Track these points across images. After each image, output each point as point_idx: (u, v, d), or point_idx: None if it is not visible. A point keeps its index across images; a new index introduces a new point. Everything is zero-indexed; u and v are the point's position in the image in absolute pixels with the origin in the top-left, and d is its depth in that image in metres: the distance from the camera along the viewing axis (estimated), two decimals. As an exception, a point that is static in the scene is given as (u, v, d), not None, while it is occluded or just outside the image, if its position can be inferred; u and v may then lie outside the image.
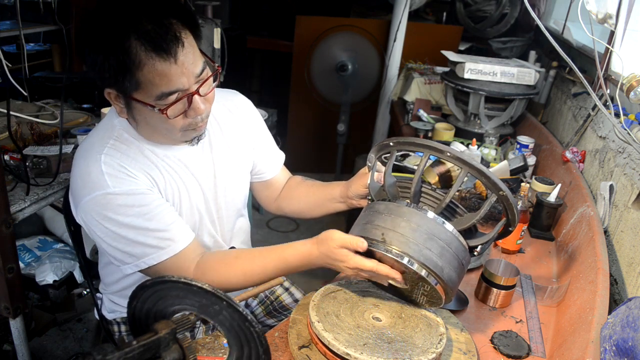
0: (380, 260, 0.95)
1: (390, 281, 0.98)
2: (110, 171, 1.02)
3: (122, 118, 1.09)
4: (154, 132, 1.08)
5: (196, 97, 1.00)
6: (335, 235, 0.96)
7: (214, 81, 1.06)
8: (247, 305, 1.50)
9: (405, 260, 0.90)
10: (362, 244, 0.92)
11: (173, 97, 0.98)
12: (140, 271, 1.08)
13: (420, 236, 0.90)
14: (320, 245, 0.98)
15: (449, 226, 0.93)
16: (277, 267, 1.05)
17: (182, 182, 1.15)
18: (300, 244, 1.02)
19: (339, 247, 0.94)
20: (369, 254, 0.95)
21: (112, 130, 1.09)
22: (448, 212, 1.00)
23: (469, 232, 0.99)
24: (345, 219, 3.27)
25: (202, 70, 1.01)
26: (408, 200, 0.97)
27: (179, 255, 1.07)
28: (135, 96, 0.98)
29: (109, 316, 1.37)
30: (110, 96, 1.02)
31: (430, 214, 0.93)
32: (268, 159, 1.38)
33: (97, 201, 1.01)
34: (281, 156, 1.43)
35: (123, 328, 1.36)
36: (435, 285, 0.92)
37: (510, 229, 0.99)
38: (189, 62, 0.97)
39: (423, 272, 0.90)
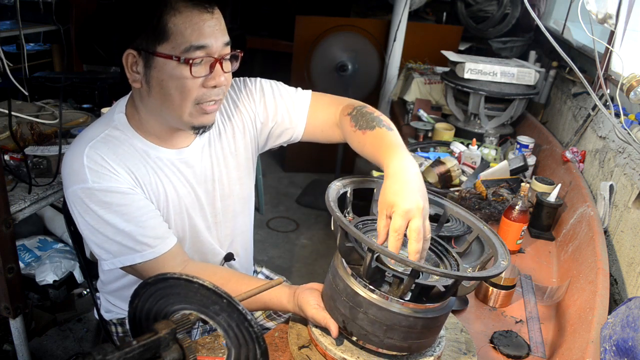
0: None
1: None
2: (91, 165, 1.00)
3: (121, 115, 1.07)
4: (163, 104, 1.01)
5: (219, 65, 0.99)
6: (308, 313, 0.95)
7: (233, 63, 1.05)
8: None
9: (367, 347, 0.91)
10: (333, 333, 0.92)
11: (200, 54, 0.96)
12: (122, 268, 1.07)
13: (379, 329, 0.87)
14: (300, 312, 0.99)
15: (408, 311, 0.85)
16: (257, 309, 1.06)
17: (170, 184, 1.11)
18: (286, 300, 1.01)
19: (314, 321, 0.96)
20: None
21: (108, 124, 1.07)
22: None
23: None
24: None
25: (228, 43, 1.01)
26: (364, 281, 0.87)
27: (156, 260, 1.04)
28: (160, 50, 0.96)
29: (106, 316, 1.36)
30: (127, 60, 0.99)
31: (386, 305, 0.85)
32: (287, 124, 1.25)
33: (77, 194, 1.00)
34: (303, 101, 1.24)
35: (120, 329, 1.35)
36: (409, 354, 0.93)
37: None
38: (220, 26, 0.99)
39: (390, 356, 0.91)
